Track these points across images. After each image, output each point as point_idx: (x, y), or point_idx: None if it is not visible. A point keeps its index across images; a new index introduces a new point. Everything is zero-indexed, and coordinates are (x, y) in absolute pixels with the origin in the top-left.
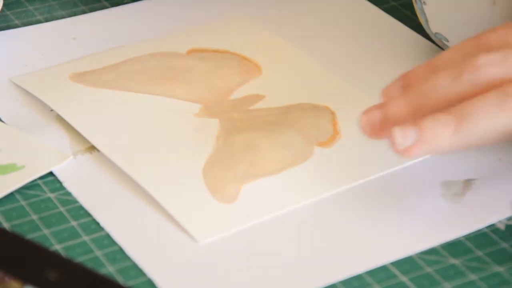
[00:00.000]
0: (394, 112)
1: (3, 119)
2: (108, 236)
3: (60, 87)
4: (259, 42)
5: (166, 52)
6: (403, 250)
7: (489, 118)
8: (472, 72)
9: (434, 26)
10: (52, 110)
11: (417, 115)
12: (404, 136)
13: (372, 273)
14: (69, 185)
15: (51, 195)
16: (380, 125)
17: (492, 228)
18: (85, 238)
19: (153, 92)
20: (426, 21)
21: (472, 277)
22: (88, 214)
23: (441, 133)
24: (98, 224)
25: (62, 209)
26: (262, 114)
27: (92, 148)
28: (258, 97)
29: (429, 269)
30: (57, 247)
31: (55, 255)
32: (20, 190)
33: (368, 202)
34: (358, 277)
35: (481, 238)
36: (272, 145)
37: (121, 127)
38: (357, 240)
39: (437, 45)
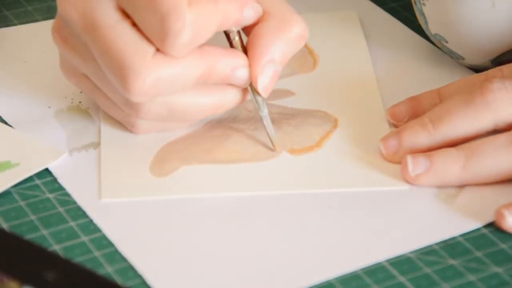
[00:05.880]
0: (409, 137)
1: None
2: (106, 237)
3: None
4: (339, 40)
5: None
6: (397, 249)
7: (496, 159)
8: (483, 94)
9: (433, 27)
10: (50, 107)
11: (432, 139)
12: (415, 164)
13: (370, 273)
14: (64, 182)
15: (50, 196)
16: (397, 151)
17: (491, 228)
18: (84, 238)
19: None
20: (426, 22)
21: (471, 277)
22: (87, 215)
23: (451, 167)
24: (96, 224)
25: (60, 209)
26: (273, 110)
27: (88, 145)
28: (287, 93)
29: (428, 270)
30: (55, 247)
31: (54, 256)
32: (18, 190)
33: (362, 202)
34: (357, 277)
35: (480, 238)
36: (243, 139)
37: None
38: (351, 239)
39: (436, 46)
